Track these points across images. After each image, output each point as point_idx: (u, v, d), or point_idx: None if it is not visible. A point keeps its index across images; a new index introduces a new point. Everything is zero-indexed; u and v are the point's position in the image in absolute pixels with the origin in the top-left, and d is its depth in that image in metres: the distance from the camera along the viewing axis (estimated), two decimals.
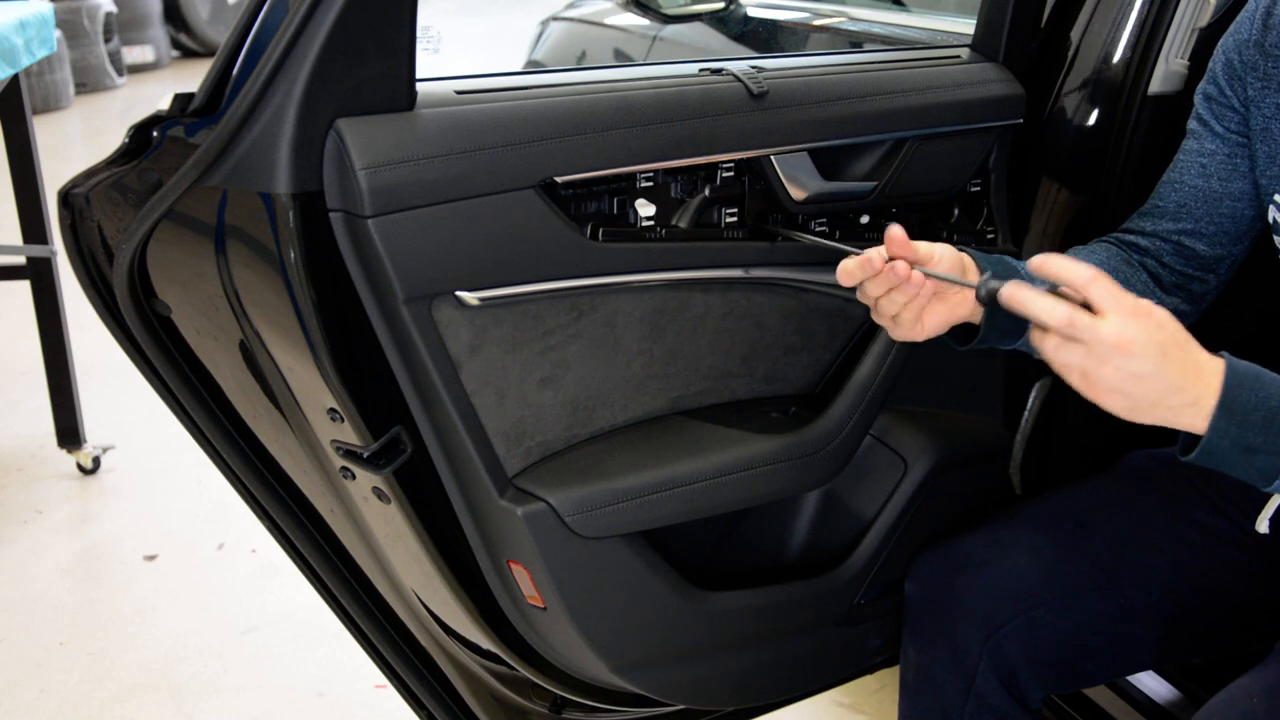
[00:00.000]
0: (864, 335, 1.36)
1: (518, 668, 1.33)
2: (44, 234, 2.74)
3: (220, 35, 8.55)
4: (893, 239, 1.00)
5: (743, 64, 1.26)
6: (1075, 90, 1.40)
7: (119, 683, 2.15)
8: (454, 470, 1.18)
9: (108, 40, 7.49)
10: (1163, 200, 1.25)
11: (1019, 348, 1.15)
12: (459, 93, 1.09)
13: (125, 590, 2.44)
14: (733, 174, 1.23)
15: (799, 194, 1.26)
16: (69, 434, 2.85)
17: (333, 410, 1.10)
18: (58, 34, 5.18)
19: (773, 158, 1.23)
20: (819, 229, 1.30)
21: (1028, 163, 1.42)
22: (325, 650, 2.21)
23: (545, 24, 3.09)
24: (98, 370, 3.17)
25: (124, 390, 2.78)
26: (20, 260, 2.74)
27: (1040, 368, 1.45)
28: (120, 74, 7.69)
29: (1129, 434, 1.31)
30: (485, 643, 1.31)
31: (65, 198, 1.12)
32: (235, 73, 1.02)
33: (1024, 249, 1.43)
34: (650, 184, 1.19)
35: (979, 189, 1.39)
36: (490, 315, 1.11)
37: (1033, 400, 1.47)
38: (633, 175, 1.17)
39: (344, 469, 1.17)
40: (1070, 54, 1.40)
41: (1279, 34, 1.15)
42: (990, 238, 1.40)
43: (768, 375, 1.34)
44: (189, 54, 8.85)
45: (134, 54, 8.15)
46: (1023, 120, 1.38)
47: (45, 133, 4.34)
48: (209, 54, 8.51)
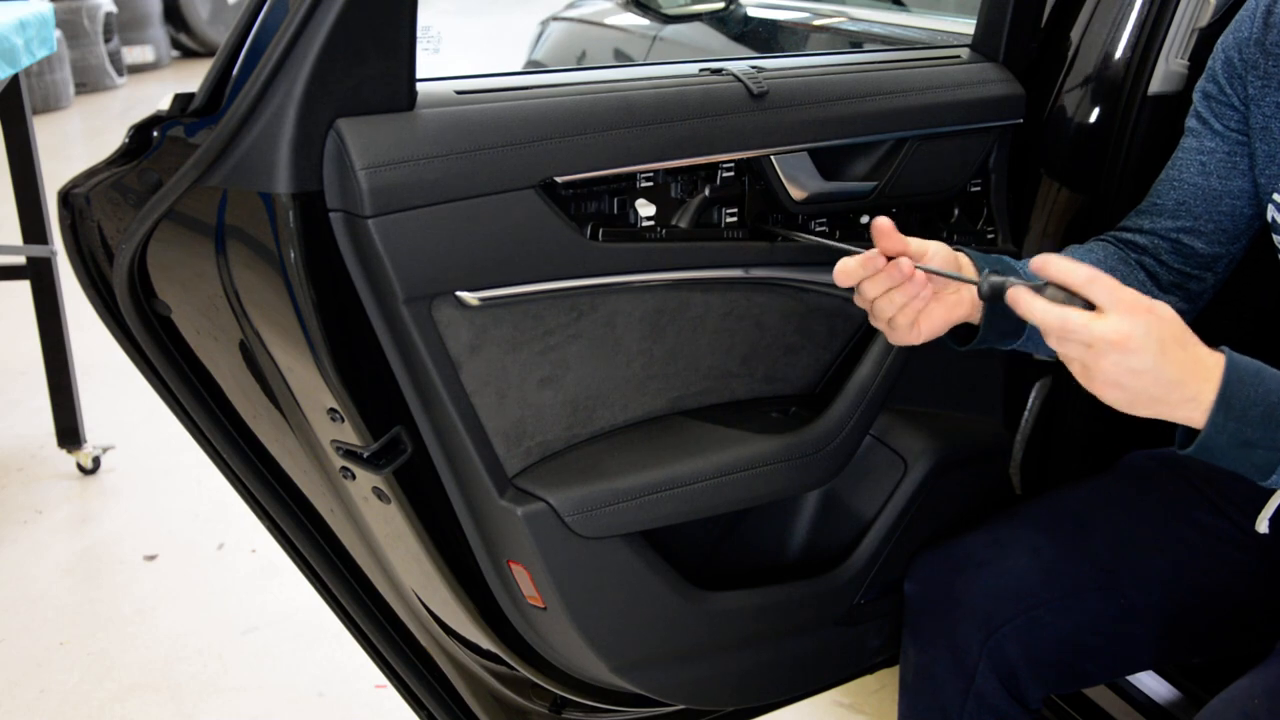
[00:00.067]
0: (864, 335, 1.36)
1: (518, 668, 1.33)
2: (44, 234, 2.74)
3: (220, 35, 8.54)
4: (880, 230, 1.00)
5: (743, 64, 1.26)
6: (1075, 90, 1.40)
7: (119, 683, 2.15)
8: (454, 470, 1.18)
9: (108, 40, 7.49)
10: (1161, 198, 1.25)
11: (1019, 348, 1.15)
12: (459, 93, 1.09)
13: (125, 590, 2.44)
14: (733, 174, 1.23)
15: (799, 194, 1.26)
16: (69, 434, 2.85)
17: (333, 410, 1.10)
18: (58, 34, 5.17)
19: (773, 158, 1.23)
20: (819, 229, 1.30)
21: (1028, 163, 1.42)
22: (325, 650, 2.21)
23: (545, 24, 3.09)
24: (98, 370, 3.17)
25: (124, 390, 2.78)
26: (20, 260, 2.74)
27: (1040, 368, 1.45)
28: (120, 74, 7.69)
29: (1129, 434, 1.31)
30: (485, 643, 1.31)
31: (65, 198, 1.12)
32: (235, 73, 1.02)
33: (1024, 249, 1.43)
34: (650, 184, 1.19)
35: (979, 189, 1.39)
36: (490, 315, 1.11)
37: (1033, 400, 1.47)
38: (633, 175, 1.17)
39: (344, 469, 1.17)
40: (1070, 54, 1.40)
41: None
42: (990, 238, 1.40)
43: (768, 375, 1.34)
44: (189, 54, 8.85)
45: (134, 54, 8.15)
46: (1023, 120, 1.38)
47: (45, 133, 4.33)
48: (209, 54, 8.51)
